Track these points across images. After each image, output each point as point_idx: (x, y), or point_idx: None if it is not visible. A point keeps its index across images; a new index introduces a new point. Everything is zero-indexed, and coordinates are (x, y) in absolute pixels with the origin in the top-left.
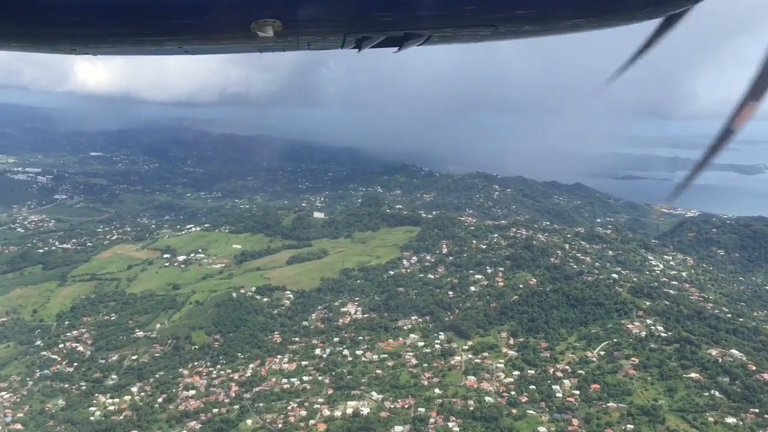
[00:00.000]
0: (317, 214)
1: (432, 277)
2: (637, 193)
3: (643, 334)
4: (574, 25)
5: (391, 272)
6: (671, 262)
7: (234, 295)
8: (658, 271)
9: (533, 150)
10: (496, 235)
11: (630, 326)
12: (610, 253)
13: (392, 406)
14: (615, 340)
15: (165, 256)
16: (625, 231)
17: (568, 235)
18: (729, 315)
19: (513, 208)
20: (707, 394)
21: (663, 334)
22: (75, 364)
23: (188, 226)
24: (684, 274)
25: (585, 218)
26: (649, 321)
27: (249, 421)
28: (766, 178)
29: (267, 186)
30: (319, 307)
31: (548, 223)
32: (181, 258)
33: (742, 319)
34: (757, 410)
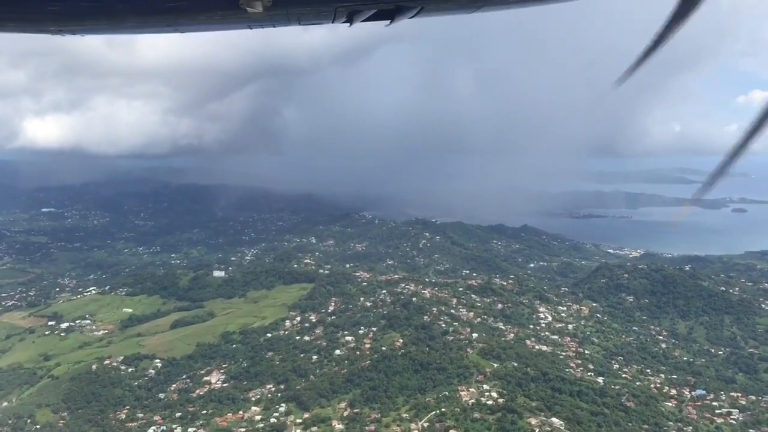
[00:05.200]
0: (217, 273)
1: (307, 339)
2: (592, 233)
3: (472, 402)
4: None
5: (269, 335)
6: (563, 314)
7: (94, 367)
8: (543, 324)
9: (492, 191)
10: (384, 291)
11: (464, 393)
12: (499, 306)
13: None
14: (443, 409)
15: (50, 323)
16: (527, 281)
17: (460, 289)
18: (590, 374)
19: (435, 257)
20: None
21: (490, 402)
22: None
23: (90, 289)
24: (570, 326)
25: (516, 264)
26: (486, 386)
27: None
28: (728, 213)
29: (210, 238)
30: (183, 377)
31: (467, 272)
32: (64, 325)
33: (601, 379)
34: None
